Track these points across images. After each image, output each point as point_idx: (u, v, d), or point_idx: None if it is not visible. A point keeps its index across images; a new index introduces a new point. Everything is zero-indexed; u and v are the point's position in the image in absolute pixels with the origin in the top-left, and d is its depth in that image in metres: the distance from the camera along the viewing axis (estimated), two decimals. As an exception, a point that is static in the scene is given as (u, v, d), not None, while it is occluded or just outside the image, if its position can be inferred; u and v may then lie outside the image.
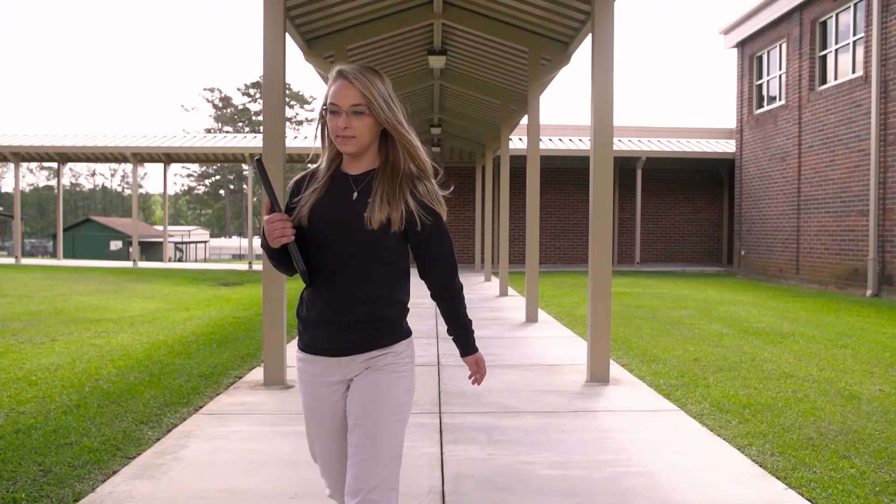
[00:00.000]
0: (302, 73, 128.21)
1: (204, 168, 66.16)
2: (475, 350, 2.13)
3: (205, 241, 49.65)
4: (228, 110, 66.16)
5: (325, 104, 1.98)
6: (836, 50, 14.55)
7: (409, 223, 1.96)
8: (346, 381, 2.04)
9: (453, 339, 2.15)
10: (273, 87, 5.60)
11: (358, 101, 1.93)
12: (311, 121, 62.72)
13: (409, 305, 2.09)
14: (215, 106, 66.37)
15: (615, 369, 5.97)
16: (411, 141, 2.01)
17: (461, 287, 2.11)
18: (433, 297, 2.12)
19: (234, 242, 55.16)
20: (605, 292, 5.71)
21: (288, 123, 60.28)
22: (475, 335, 2.17)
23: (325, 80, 9.76)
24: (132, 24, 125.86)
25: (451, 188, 2.13)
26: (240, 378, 5.67)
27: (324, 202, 1.99)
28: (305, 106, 64.41)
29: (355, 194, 1.99)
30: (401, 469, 2.08)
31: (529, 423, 4.37)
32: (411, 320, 2.12)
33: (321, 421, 2.06)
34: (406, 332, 2.07)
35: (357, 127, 1.94)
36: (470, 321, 2.13)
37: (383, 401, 1.98)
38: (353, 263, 1.96)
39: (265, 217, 1.90)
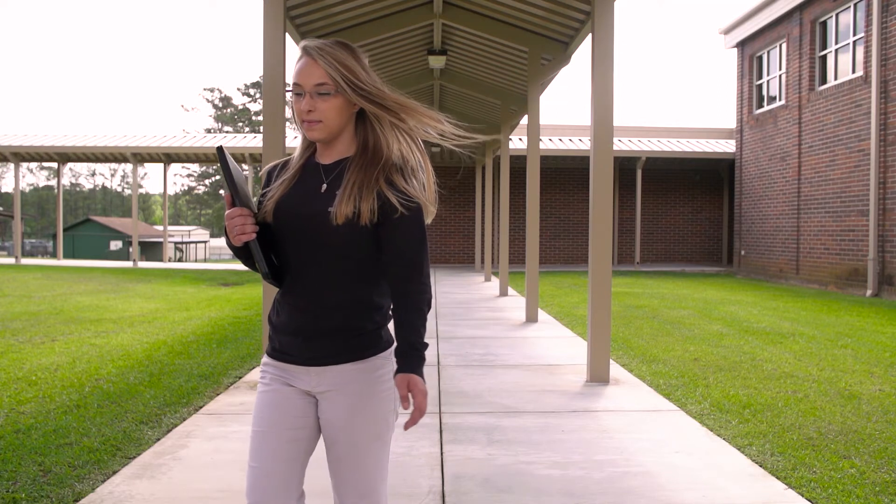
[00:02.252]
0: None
1: (204, 168, 66.15)
2: (414, 371, 1.70)
3: (205, 241, 49.67)
4: (228, 110, 66.15)
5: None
6: (836, 50, 14.55)
7: (382, 213, 1.71)
8: (314, 396, 1.80)
9: (395, 357, 1.77)
10: (273, 87, 5.61)
11: (322, 80, 1.70)
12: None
13: (391, 311, 1.84)
14: (215, 106, 66.35)
15: (615, 369, 5.97)
16: (404, 104, 1.76)
17: (426, 299, 1.76)
18: (392, 308, 1.79)
19: (234, 242, 55.06)
20: (605, 292, 5.71)
21: (288, 123, 60.17)
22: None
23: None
24: (132, 24, 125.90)
25: (462, 171, 1.83)
26: (240, 378, 5.67)
27: (290, 196, 1.77)
28: (305, 106, 64.25)
29: (324, 186, 1.76)
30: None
31: (529, 423, 4.36)
32: None
33: (274, 420, 1.77)
34: (387, 342, 1.82)
35: (323, 110, 1.71)
36: (422, 344, 1.73)
37: (365, 422, 1.76)
38: (321, 264, 1.74)
39: (226, 212, 1.70)
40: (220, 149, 1.66)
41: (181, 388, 5.26)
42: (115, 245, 41.98)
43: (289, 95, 1.75)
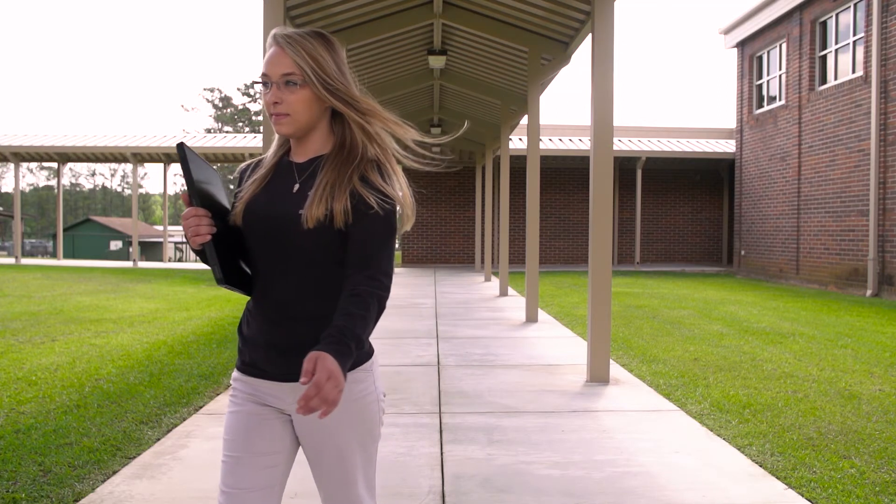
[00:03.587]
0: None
1: (204, 168, 66.12)
2: (331, 352, 1.41)
3: (205, 241, 49.61)
4: (228, 110, 66.15)
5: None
6: (836, 50, 14.55)
7: (356, 212, 1.58)
8: (289, 414, 1.69)
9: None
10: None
11: (290, 70, 1.58)
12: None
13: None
14: (215, 106, 66.36)
15: (615, 369, 5.97)
16: (374, 110, 1.65)
17: (378, 296, 1.55)
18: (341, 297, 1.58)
19: (234, 242, 55.05)
20: (605, 292, 5.71)
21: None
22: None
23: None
24: (132, 23, 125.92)
25: (454, 165, 1.70)
26: (240, 378, 5.66)
27: (260, 197, 1.65)
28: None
29: (296, 186, 1.64)
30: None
31: (529, 423, 4.36)
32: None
33: (248, 446, 1.65)
34: (366, 354, 1.67)
35: (291, 102, 1.59)
36: (353, 334, 1.47)
37: (349, 437, 1.64)
38: (293, 271, 1.62)
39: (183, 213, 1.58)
40: (180, 145, 1.54)
41: (181, 388, 5.26)
42: (115, 245, 42.03)
43: (259, 87, 1.66)
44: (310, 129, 1.66)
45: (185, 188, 1.57)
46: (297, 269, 1.62)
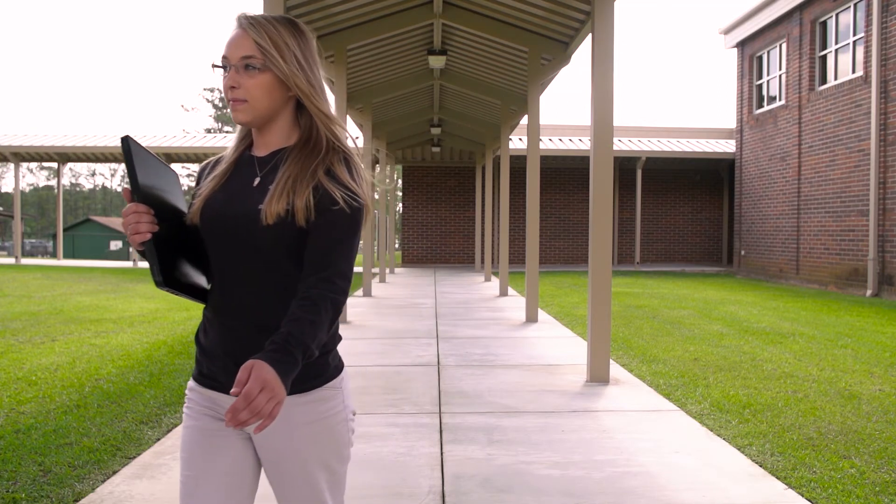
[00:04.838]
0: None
1: (204, 168, 66.17)
2: (269, 361, 1.29)
3: (205, 241, 49.59)
4: (228, 110, 66.03)
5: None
6: (836, 50, 14.56)
7: (319, 208, 1.45)
8: (248, 432, 1.57)
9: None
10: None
11: (249, 53, 1.47)
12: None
13: (339, 332, 1.58)
14: (215, 106, 66.39)
15: (615, 369, 5.98)
16: (326, 112, 1.53)
17: (332, 300, 1.41)
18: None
19: (234, 242, 55.00)
20: (605, 292, 5.71)
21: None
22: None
23: (327, 81, 9.64)
24: (132, 24, 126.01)
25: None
26: (240, 378, 5.66)
27: (219, 194, 1.52)
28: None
29: (257, 181, 1.51)
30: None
31: (529, 423, 4.37)
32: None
33: (208, 465, 1.52)
34: (335, 370, 1.55)
35: (249, 87, 1.47)
36: (299, 342, 1.34)
37: (314, 456, 1.52)
38: (253, 275, 1.49)
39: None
40: (124, 139, 1.41)
41: (181, 388, 5.26)
42: (115, 245, 42.03)
43: (220, 73, 1.53)
44: (270, 119, 1.53)
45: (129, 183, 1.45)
46: (257, 272, 1.49)
